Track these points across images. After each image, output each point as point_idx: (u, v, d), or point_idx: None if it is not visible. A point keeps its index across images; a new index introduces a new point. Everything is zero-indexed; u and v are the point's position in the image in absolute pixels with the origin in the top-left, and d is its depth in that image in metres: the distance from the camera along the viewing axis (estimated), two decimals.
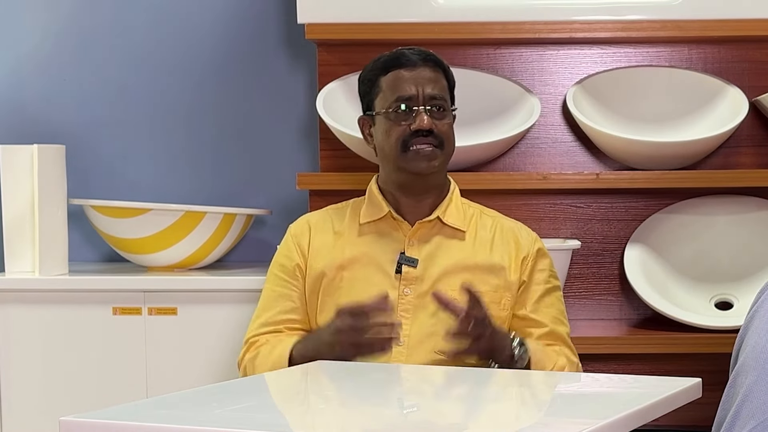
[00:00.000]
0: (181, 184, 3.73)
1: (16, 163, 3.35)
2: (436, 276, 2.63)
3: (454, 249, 2.66)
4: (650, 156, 3.19)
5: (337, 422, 1.89)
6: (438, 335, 2.55)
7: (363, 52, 3.33)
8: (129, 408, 1.92)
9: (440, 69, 2.70)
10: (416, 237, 2.66)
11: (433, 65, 2.69)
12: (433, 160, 2.64)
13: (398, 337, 2.49)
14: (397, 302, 2.60)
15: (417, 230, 2.67)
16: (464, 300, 2.48)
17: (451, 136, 2.68)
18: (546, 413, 1.94)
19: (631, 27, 3.23)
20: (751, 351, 1.85)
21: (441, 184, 2.71)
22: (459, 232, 2.68)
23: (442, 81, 2.69)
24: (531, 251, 2.70)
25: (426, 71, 2.68)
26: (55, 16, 3.75)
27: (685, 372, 2.42)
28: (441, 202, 2.69)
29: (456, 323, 2.43)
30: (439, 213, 2.68)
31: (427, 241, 2.66)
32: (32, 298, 3.31)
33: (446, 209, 2.68)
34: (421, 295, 2.61)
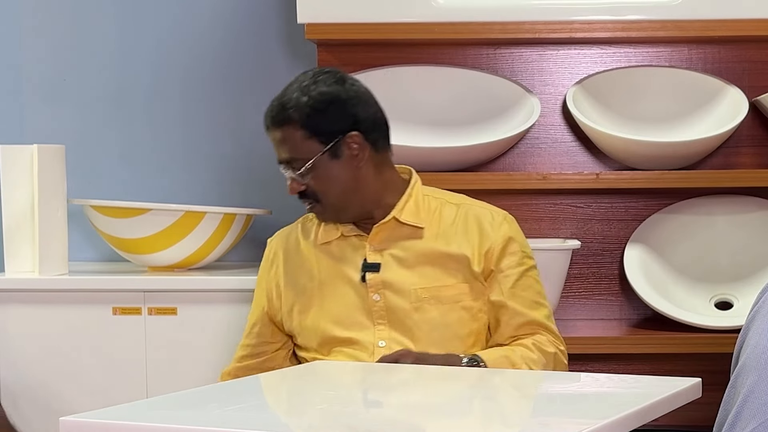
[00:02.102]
0: (180, 184, 3.73)
1: (16, 163, 3.35)
2: (399, 276, 2.60)
3: (417, 248, 2.61)
4: (650, 156, 3.19)
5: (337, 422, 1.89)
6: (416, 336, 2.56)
7: (363, 52, 3.34)
8: (129, 408, 1.92)
9: (288, 123, 2.56)
10: (376, 242, 2.62)
11: (279, 124, 2.57)
12: (319, 214, 2.63)
13: None
14: (370, 310, 2.60)
15: (376, 235, 2.62)
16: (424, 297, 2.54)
17: (325, 188, 2.57)
18: (546, 413, 1.94)
19: (631, 27, 3.23)
20: (752, 351, 1.85)
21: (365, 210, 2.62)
22: (418, 230, 2.62)
23: (291, 138, 2.56)
24: (496, 240, 2.62)
25: (275, 133, 2.58)
26: (56, 16, 3.75)
27: (685, 372, 2.42)
28: (397, 203, 2.63)
29: None
30: (395, 213, 2.62)
31: (386, 244, 2.62)
32: (32, 298, 3.30)
33: (403, 208, 2.62)
34: (392, 298, 2.59)
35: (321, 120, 2.55)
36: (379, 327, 2.58)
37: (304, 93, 2.55)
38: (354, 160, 2.57)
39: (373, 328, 2.58)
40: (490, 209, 2.68)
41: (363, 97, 2.60)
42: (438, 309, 2.57)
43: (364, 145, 2.58)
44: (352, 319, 2.60)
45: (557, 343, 2.64)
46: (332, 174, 2.57)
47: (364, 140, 2.58)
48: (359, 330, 2.58)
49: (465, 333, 2.58)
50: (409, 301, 2.57)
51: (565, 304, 3.35)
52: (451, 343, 2.57)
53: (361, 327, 2.59)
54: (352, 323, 2.59)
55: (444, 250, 2.60)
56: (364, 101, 2.60)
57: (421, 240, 2.61)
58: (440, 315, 2.57)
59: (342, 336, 2.59)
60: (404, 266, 2.60)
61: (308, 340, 2.63)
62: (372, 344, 2.56)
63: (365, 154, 2.58)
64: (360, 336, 2.57)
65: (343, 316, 2.60)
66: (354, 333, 2.58)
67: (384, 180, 2.63)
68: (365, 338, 2.57)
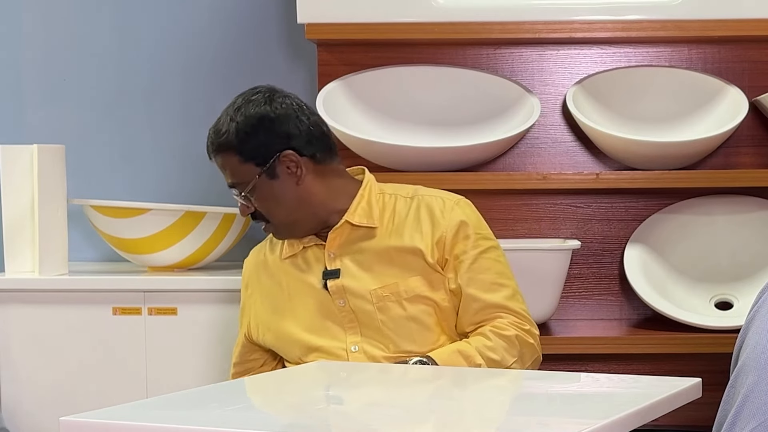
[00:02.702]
0: (180, 184, 3.73)
1: (16, 163, 3.35)
2: (358, 279, 2.59)
3: (372, 248, 2.60)
4: (650, 156, 3.19)
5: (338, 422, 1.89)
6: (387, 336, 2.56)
7: (363, 52, 3.34)
8: (129, 408, 1.92)
9: (223, 150, 2.59)
10: (334, 248, 2.62)
11: (216, 152, 2.61)
12: (272, 233, 2.65)
13: None
14: (338, 316, 2.59)
15: (332, 241, 2.62)
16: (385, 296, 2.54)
17: (269, 208, 2.59)
18: (546, 413, 1.94)
19: (631, 27, 3.23)
20: (752, 351, 1.85)
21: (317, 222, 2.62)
22: (372, 230, 2.61)
23: (229, 164, 2.59)
24: (448, 227, 2.59)
25: (216, 160, 2.63)
26: (56, 16, 3.75)
27: (685, 372, 2.42)
28: (349, 207, 2.62)
29: None
30: (347, 217, 2.61)
31: (343, 248, 2.62)
32: (32, 298, 3.31)
33: (355, 211, 2.61)
34: (355, 302, 2.58)
35: (253, 143, 2.57)
36: (350, 331, 2.59)
37: (233, 119, 2.58)
38: (293, 177, 2.58)
39: (344, 334, 2.59)
40: (443, 196, 2.65)
41: (294, 114, 2.60)
42: (400, 305, 2.56)
43: (301, 161, 2.58)
44: (323, 326, 2.60)
45: (520, 324, 2.58)
46: (274, 194, 2.58)
47: (299, 156, 2.58)
48: (331, 337, 2.59)
49: (432, 324, 2.58)
50: (372, 303, 2.57)
51: (565, 304, 3.35)
52: (422, 336, 2.57)
53: (333, 334, 2.59)
54: (323, 331, 2.60)
55: (398, 246, 2.59)
56: (295, 117, 2.59)
57: (376, 239, 2.61)
58: (403, 311, 2.56)
59: (317, 344, 2.59)
60: (363, 268, 2.60)
61: (288, 352, 2.64)
62: (345, 350, 2.57)
63: (304, 170, 2.58)
64: (333, 343, 2.58)
65: (314, 326, 2.61)
66: (326, 340, 2.59)
67: (332, 188, 2.62)
68: (338, 344, 2.58)
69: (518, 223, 3.37)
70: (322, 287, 2.60)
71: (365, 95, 3.29)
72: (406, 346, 2.56)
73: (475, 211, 2.65)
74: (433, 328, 2.58)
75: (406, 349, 2.55)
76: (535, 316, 3.20)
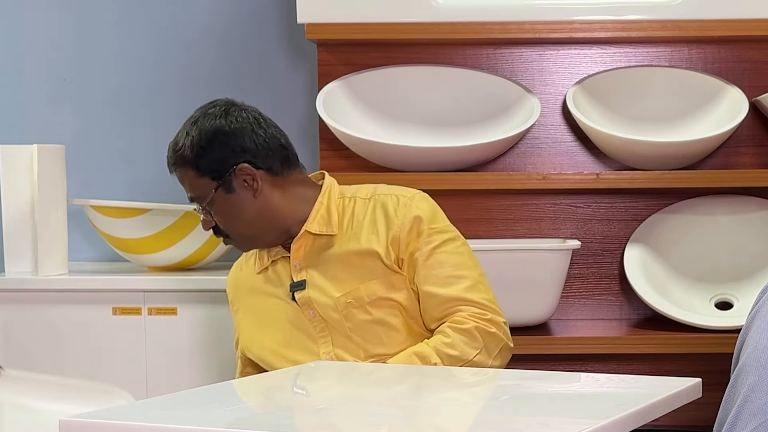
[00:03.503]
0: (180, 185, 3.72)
1: (16, 163, 3.35)
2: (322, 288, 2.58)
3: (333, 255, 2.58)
4: (650, 156, 3.19)
5: (338, 422, 1.89)
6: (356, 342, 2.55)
7: (363, 52, 3.34)
8: (129, 408, 1.92)
9: (180, 165, 2.58)
10: (298, 259, 2.60)
11: (174, 167, 2.60)
12: (235, 247, 2.65)
13: None
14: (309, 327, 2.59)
15: (296, 252, 2.60)
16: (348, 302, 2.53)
17: (229, 222, 2.57)
18: (546, 413, 1.94)
19: (631, 27, 3.23)
20: (753, 351, 1.85)
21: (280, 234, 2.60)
22: (332, 237, 2.59)
23: (188, 178, 2.58)
24: (402, 225, 2.55)
25: (175, 174, 2.62)
26: (56, 16, 3.75)
27: (685, 372, 2.42)
28: (308, 217, 2.60)
29: None
30: (307, 226, 2.59)
31: (308, 258, 2.60)
32: (32, 298, 3.31)
33: (314, 219, 2.59)
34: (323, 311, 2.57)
35: (207, 157, 2.55)
36: (322, 341, 2.58)
37: (189, 133, 2.58)
38: (248, 191, 2.56)
39: (317, 345, 2.58)
40: (398, 193, 2.61)
41: (249, 126, 2.58)
42: (363, 310, 2.55)
43: (257, 173, 2.56)
44: (297, 339, 2.59)
45: (481, 314, 2.53)
46: (231, 207, 2.57)
47: (255, 169, 2.56)
48: (304, 349, 2.58)
49: (398, 324, 2.56)
50: (336, 310, 2.56)
51: (565, 304, 3.35)
52: (390, 338, 2.55)
53: (306, 346, 2.59)
54: (297, 343, 2.59)
55: (356, 250, 2.57)
56: (250, 130, 2.57)
57: (336, 246, 2.59)
58: (368, 315, 2.55)
59: (293, 358, 2.58)
60: (326, 277, 2.58)
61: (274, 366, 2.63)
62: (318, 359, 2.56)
63: (260, 182, 2.56)
64: (305, 356, 2.57)
65: (289, 339, 2.60)
66: (301, 354, 2.58)
67: (292, 198, 2.60)
68: (312, 355, 2.57)
69: (518, 223, 3.37)
70: (291, 299, 2.60)
71: (365, 95, 3.29)
72: (375, 349, 2.55)
73: (431, 204, 2.60)
74: (400, 328, 2.56)
75: (377, 353, 2.54)
76: (535, 316, 3.21)
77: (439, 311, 2.55)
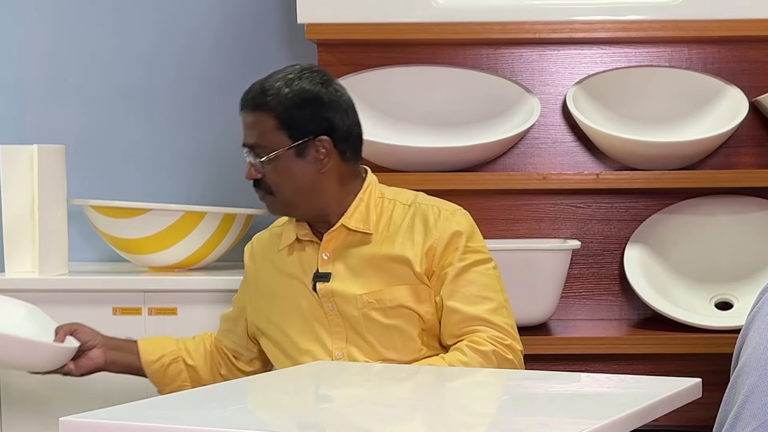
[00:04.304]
0: (181, 184, 3.73)
1: (16, 163, 3.35)
2: (347, 284, 2.57)
3: (365, 253, 2.58)
4: (650, 156, 3.19)
5: (339, 422, 1.89)
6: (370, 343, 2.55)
7: (363, 52, 3.34)
8: (129, 408, 1.92)
9: (263, 109, 2.53)
10: (328, 250, 2.59)
11: (254, 108, 2.54)
12: (268, 206, 2.59)
13: None
14: (326, 319, 2.58)
15: (327, 243, 2.59)
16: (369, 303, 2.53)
17: (281, 181, 2.54)
18: (546, 413, 1.94)
19: (631, 27, 3.23)
20: (752, 352, 1.85)
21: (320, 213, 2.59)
22: (367, 235, 2.58)
23: (263, 124, 2.53)
24: (440, 237, 2.54)
25: (248, 116, 2.56)
26: (56, 16, 3.75)
27: (685, 372, 2.42)
28: (347, 210, 2.58)
29: None
30: (344, 221, 2.58)
31: (338, 252, 2.59)
32: (32, 298, 3.29)
33: (352, 215, 2.58)
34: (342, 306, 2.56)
35: (296, 116, 2.53)
36: (336, 336, 2.57)
37: (287, 85, 2.53)
38: (317, 164, 2.55)
39: (330, 339, 2.57)
40: (440, 206, 2.60)
41: (343, 105, 2.57)
42: (381, 313, 2.54)
43: (332, 151, 2.55)
44: (312, 330, 2.59)
45: (501, 338, 2.50)
46: (292, 171, 2.54)
47: (332, 147, 2.55)
48: (318, 342, 2.58)
49: (415, 334, 2.55)
50: (357, 308, 2.55)
51: (565, 304, 3.35)
52: (405, 345, 2.54)
53: (320, 338, 2.58)
54: (311, 334, 2.59)
55: (388, 254, 2.56)
56: (344, 110, 2.57)
57: (369, 245, 2.58)
58: (385, 319, 2.54)
59: (305, 347, 2.58)
60: (353, 273, 2.57)
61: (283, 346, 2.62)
62: (330, 355, 2.55)
63: (330, 161, 2.56)
64: (318, 348, 2.57)
65: (304, 328, 2.59)
66: (313, 345, 2.58)
67: (345, 188, 2.59)
68: (324, 348, 2.56)
69: (518, 223, 3.37)
70: (312, 289, 2.59)
71: (365, 95, 3.28)
72: (388, 354, 2.54)
73: (471, 222, 2.60)
74: (416, 338, 2.55)
75: (389, 357, 2.53)
76: (535, 316, 3.21)
77: (459, 328, 2.53)
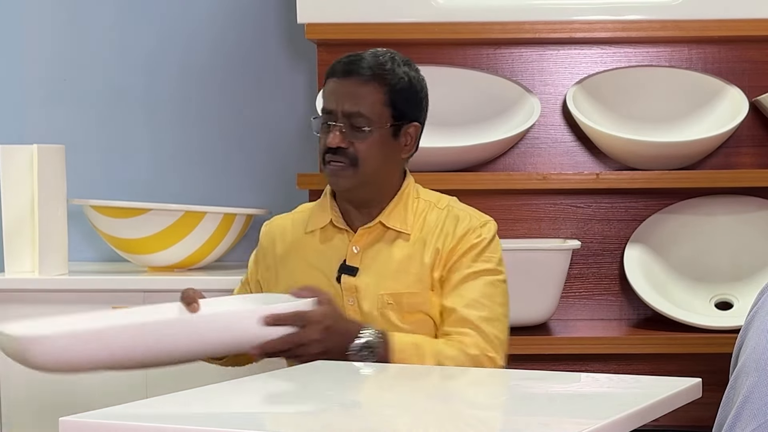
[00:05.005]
0: (180, 184, 3.73)
1: (16, 163, 3.35)
2: (371, 281, 2.55)
3: (395, 253, 2.56)
4: (650, 156, 3.19)
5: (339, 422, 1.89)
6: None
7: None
8: (129, 408, 1.92)
9: (377, 81, 2.52)
10: (359, 244, 2.57)
11: (367, 78, 2.52)
12: (341, 178, 2.53)
13: None
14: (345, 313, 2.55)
15: (360, 237, 2.58)
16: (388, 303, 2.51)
17: (370, 155, 2.51)
18: (546, 413, 1.94)
19: (631, 27, 3.23)
20: (752, 353, 1.85)
21: (373, 198, 2.57)
22: (403, 235, 2.57)
23: (373, 95, 2.51)
24: (464, 243, 2.54)
25: (354, 83, 2.52)
26: (56, 16, 3.75)
27: (685, 372, 2.42)
28: (387, 206, 2.58)
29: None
30: (382, 218, 2.57)
31: (370, 248, 2.57)
32: (32, 298, 3.30)
33: (391, 212, 2.57)
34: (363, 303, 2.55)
35: (405, 97, 2.55)
36: None
37: (402, 66, 2.56)
38: (402, 150, 2.57)
39: None
40: (473, 213, 2.60)
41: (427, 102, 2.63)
42: (398, 316, 2.53)
43: (415, 141, 2.59)
44: None
45: (486, 349, 2.48)
46: (383, 148, 2.54)
47: (418, 136, 2.59)
48: None
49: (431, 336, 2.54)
50: (376, 307, 2.54)
51: (565, 304, 3.35)
52: None
53: None
54: None
55: (419, 256, 2.55)
56: (428, 106, 2.63)
57: (402, 246, 2.57)
58: (401, 322, 2.52)
59: None
60: (378, 270, 2.55)
61: None
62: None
63: (411, 149, 2.59)
64: None
65: None
66: None
67: (396, 182, 2.60)
68: None
69: (518, 223, 3.37)
70: (336, 280, 2.57)
71: None
72: None
73: (494, 235, 2.59)
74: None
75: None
76: (535, 316, 3.21)
77: (450, 326, 2.51)
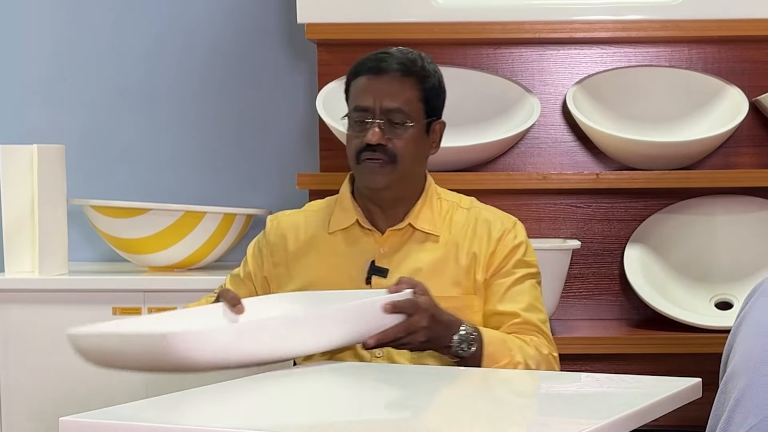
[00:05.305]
0: (180, 184, 3.73)
1: (16, 163, 3.35)
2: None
3: (425, 255, 2.54)
4: (650, 156, 3.19)
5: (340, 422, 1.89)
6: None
7: (363, 52, 3.30)
8: (129, 408, 1.92)
9: (415, 77, 2.53)
10: (387, 245, 2.55)
11: (405, 74, 2.52)
12: (380, 175, 2.51)
13: None
14: None
15: (388, 238, 2.56)
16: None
17: (408, 152, 2.51)
18: (546, 413, 1.94)
19: (631, 27, 3.23)
20: (741, 357, 1.84)
21: (403, 197, 2.56)
22: (432, 236, 2.55)
23: (409, 91, 2.52)
24: (504, 248, 2.54)
25: (390, 81, 2.52)
26: (56, 16, 3.75)
27: (685, 372, 2.42)
28: (413, 207, 2.56)
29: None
30: (411, 219, 2.55)
31: (398, 250, 2.55)
32: (32, 298, 3.31)
33: (419, 213, 2.56)
34: None
35: (437, 94, 2.57)
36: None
37: (429, 63, 2.58)
38: (430, 146, 2.59)
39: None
40: (500, 215, 2.60)
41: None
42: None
43: (440, 138, 2.61)
44: None
45: (552, 349, 2.53)
46: (418, 144, 2.54)
47: (442, 134, 2.61)
48: None
49: None
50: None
51: (565, 304, 3.35)
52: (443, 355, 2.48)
53: None
54: None
55: (453, 259, 2.53)
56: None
57: (432, 247, 2.55)
58: None
59: None
60: (411, 273, 2.50)
61: None
62: (370, 352, 2.51)
63: (436, 146, 2.60)
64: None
65: None
66: None
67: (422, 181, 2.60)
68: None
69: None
70: (365, 282, 2.54)
71: None
72: (427, 360, 2.48)
73: (526, 235, 2.61)
74: None
75: (428, 363, 2.48)
76: None
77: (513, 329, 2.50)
